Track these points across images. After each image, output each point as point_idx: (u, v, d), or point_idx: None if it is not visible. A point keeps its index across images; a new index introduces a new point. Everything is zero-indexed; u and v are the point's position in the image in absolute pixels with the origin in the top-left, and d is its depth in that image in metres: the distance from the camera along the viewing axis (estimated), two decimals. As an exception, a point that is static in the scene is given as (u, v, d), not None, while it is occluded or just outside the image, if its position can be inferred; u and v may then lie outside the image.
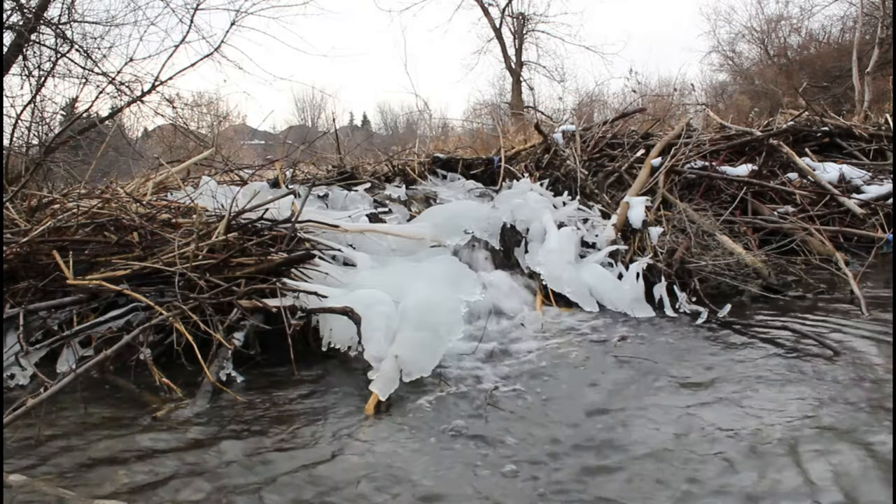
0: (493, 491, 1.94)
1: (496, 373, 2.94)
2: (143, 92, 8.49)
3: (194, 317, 2.90)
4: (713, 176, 5.50)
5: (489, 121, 16.86)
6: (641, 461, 2.08)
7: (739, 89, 23.13)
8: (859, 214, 5.08)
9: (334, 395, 2.75)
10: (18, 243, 3.34)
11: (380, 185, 5.80)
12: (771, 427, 2.26)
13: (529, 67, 22.55)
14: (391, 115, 34.67)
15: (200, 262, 3.28)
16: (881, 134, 6.70)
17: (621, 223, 4.60)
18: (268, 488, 1.97)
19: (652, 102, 12.22)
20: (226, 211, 3.67)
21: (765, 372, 2.81)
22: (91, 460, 2.15)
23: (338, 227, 4.08)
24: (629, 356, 3.13)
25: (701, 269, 4.08)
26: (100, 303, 3.24)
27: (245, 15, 9.07)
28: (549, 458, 2.12)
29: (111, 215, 3.73)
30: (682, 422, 2.35)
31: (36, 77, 7.66)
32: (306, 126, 28.96)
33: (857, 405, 2.40)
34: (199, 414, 2.52)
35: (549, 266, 4.12)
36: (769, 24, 23.36)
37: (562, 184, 5.69)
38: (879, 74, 15.98)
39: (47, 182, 6.80)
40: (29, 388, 2.79)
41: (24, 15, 7.44)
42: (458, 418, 2.46)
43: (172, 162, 5.83)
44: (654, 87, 18.27)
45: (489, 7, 21.89)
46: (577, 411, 2.50)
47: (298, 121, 32.57)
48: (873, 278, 4.28)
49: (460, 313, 3.12)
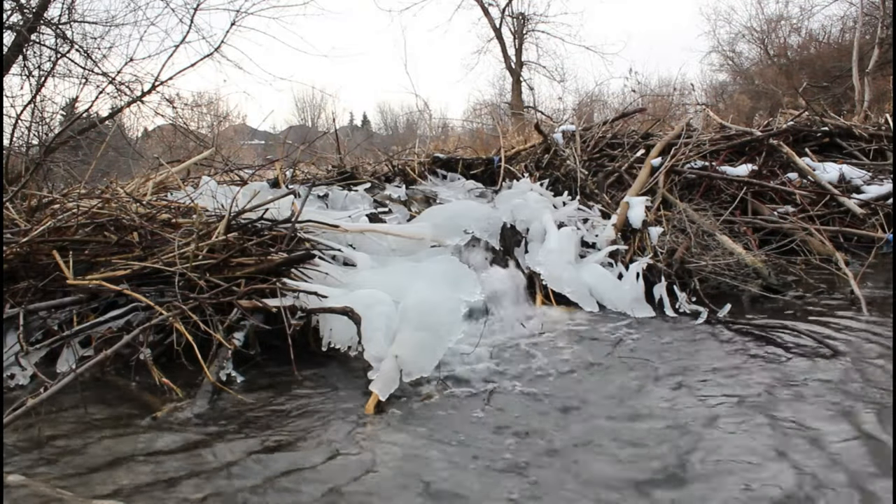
0: (493, 490, 1.94)
1: (496, 372, 2.95)
2: (143, 92, 8.51)
3: (194, 317, 2.90)
4: (713, 176, 5.50)
5: (489, 121, 16.87)
6: (642, 462, 2.08)
7: (739, 89, 23.15)
8: (859, 214, 5.08)
9: (334, 395, 2.75)
10: (18, 243, 3.33)
11: (380, 185, 5.80)
12: (771, 427, 2.26)
13: (529, 67, 22.56)
14: (391, 115, 34.67)
15: (200, 262, 3.28)
16: (881, 134, 6.69)
17: (621, 223, 4.60)
18: (268, 488, 1.97)
19: (652, 102, 12.23)
20: (226, 211, 3.66)
21: (765, 372, 2.81)
22: (91, 460, 2.15)
23: (338, 227, 4.08)
24: (629, 356, 3.13)
25: (701, 269, 4.08)
26: (100, 303, 3.24)
27: (245, 15, 9.11)
28: (548, 458, 2.12)
29: (111, 215, 3.72)
30: (681, 422, 2.35)
31: (36, 77, 7.67)
32: (306, 126, 28.98)
33: (858, 405, 2.40)
34: (199, 414, 2.52)
35: (549, 266, 4.12)
36: (769, 24, 23.38)
37: (562, 184, 5.69)
38: (879, 74, 15.99)
39: (47, 182, 6.81)
40: (29, 388, 2.78)
41: (24, 15, 7.45)
42: (457, 418, 2.46)
43: (172, 162, 5.83)
44: (654, 87, 18.29)
45: (489, 7, 21.90)
46: (576, 411, 2.50)
47: (298, 121, 32.58)
48: (873, 278, 4.28)
49: (460, 313, 3.12)
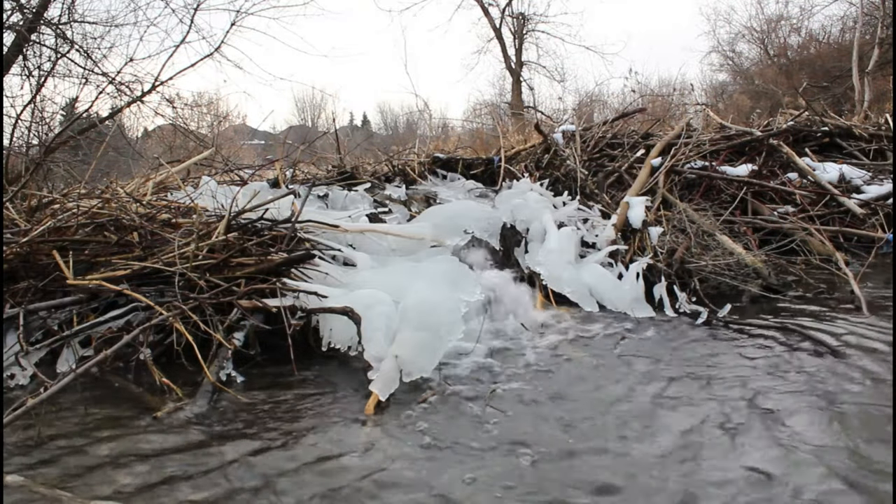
0: (493, 489, 1.94)
1: (496, 372, 2.95)
2: (143, 92, 8.51)
3: (194, 317, 2.90)
4: (713, 176, 5.50)
5: (489, 121, 16.86)
6: (641, 463, 2.08)
7: (739, 89, 23.15)
8: (859, 214, 5.08)
9: (334, 395, 2.75)
10: (18, 243, 3.33)
11: (380, 185, 5.80)
12: (772, 427, 2.26)
13: (529, 67, 22.58)
14: (391, 115, 34.68)
15: (200, 262, 3.28)
16: (881, 134, 6.70)
17: (621, 223, 4.60)
18: (268, 488, 1.97)
19: (652, 102, 12.23)
20: (226, 211, 3.67)
21: (765, 372, 2.81)
22: (91, 460, 2.15)
23: (338, 227, 4.08)
24: (629, 356, 3.13)
25: (701, 269, 4.08)
26: (100, 303, 3.24)
27: (245, 15, 9.13)
28: (548, 457, 2.12)
29: (111, 215, 3.72)
30: (681, 421, 2.35)
31: (36, 77, 7.67)
32: (306, 126, 29.00)
33: (858, 405, 2.40)
34: (199, 414, 2.52)
35: (549, 266, 4.12)
36: (769, 24, 23.40)
37: (562, 184, 5.69)
38: (879, 74, 16.00)
39: (47, 182, 6.81)
40: (29, 388, 2.78)
41: (24, 15, 7.45)
42: (458, 418, 2.46)
43: (172, 162, 5.83)
44: (654, 87, 18.29)
45: (489, 7, 21.94)
46: (576, 411, 2.50)
47: (298, 121, 32.62)
48: (873, 278, 4.28)
49: (460, 313, 3.11)
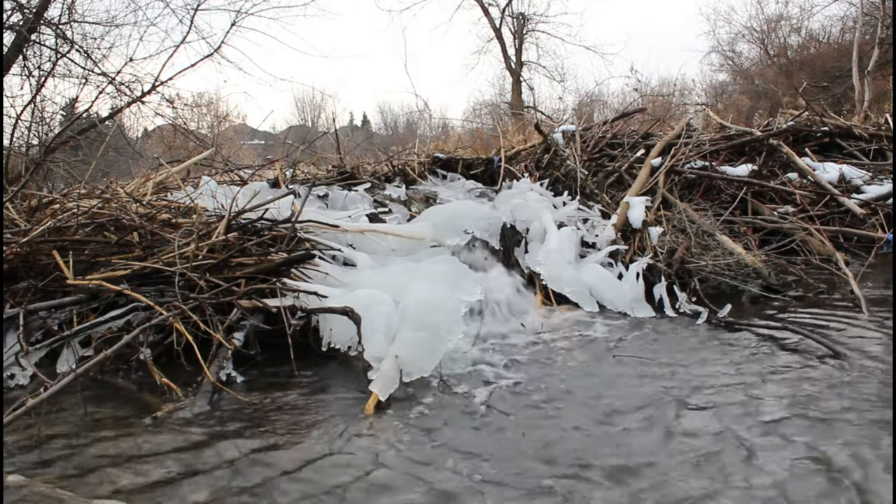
0: (493, 489, 1.94)
1: (496, 372, 2.95)
2: (143, 92, 8.51)
3: (194, 317, 2.90)
4: (713, 176, 5.50)
5: (489, 121, 16.88)
6: (642, 464, 2.08)
7: (739, 89, 23.14)
8: (859, 214, 5.08)
9: (334, 395, 2.75)
10: (18, 243, 3.33)
11: (380, 185, 5.79)
12: (772, 428, 2.26)
13: (529, 67, 22.56)
14: (391, 115, 34.65)
15: (200, 262, 3.28)
16: (881, 134, 6.70)
17: (621, 223, 4.60)
18: (268, 488, 1.97)
19: (652, 102, 12.23)
20: (226, 211, 3.66)
21: (765, 372, 2.81)
22: (91, 460, 2.15)
23: (338, 227, 4.08)
24: (629, 356, 3.13)
25: (701, 269, 4.08)
26: (100, 303, 3.24)
27: (245, 16, 9.11)
28: (548, 457, 2.12)
29: (111, 215, 3.72)
30: (680, 421, 2.35)
31: (36, 77, 7.67)
32: (306, 126, 29.00)
33: (857, 405, 2.40)
34: (199, 414, 2.52)
35: (549, 266, 4.12)
36: (769, 24, 23.39)
37: (562, 184, 5.69)
38: (879, 74, 16.00)
39: (47, 182, 6.82)
40: (29, 388, 2.78)
41: (24, 15, 7.44)
42: (458, 418, 2.46)
43: (172, 162, 5.83)
44: (654, 87, 18.29)
45: (489, 7, 21.91)
46: (576, 411, 2.50)
47: (298, 121, 32.60)
48: (873, 278, 4.28)
49: (460, 313, 3.11)
